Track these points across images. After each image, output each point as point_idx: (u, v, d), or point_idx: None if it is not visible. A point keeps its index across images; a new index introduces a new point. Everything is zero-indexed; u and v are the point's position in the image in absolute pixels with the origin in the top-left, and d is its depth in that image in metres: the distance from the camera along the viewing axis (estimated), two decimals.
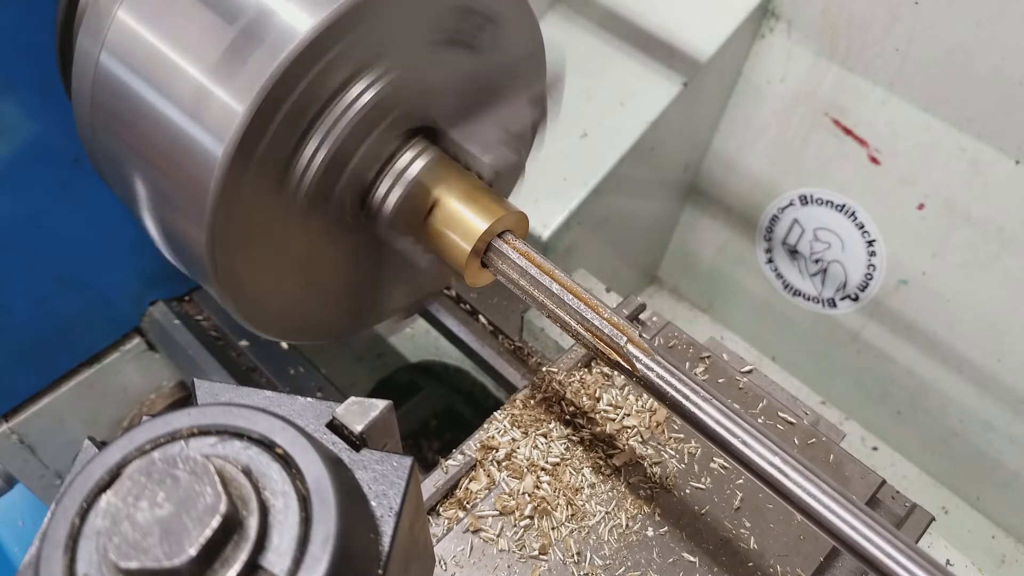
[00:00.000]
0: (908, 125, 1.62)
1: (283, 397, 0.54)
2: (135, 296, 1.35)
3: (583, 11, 1.77)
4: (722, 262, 2.09)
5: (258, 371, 1.35)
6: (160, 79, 0.77)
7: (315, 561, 0.43)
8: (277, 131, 0.75)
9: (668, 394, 0.79)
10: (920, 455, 1.95)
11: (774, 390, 1.06)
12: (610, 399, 1.00)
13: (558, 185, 1.59)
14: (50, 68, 0.98)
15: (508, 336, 1.22)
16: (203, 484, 0.43)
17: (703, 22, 1.67)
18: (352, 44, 0.75)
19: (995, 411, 1.73)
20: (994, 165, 1.54)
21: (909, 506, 0.97)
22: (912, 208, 1.68)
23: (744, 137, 1.87)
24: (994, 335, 1.67)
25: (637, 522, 0.91)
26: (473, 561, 0.86)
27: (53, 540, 0.44)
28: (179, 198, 0.80)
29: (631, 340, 0.80)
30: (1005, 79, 1.45)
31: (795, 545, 0.91)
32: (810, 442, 1.00)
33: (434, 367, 1.84)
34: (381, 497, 0.50)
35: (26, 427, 1.31)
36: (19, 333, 1.19)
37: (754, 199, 1.93)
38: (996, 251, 1.60)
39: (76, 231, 1.16)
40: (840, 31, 1.62)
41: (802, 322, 1.99)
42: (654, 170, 1.79)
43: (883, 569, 0.67)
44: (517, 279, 0.86)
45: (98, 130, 0.85)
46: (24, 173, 1.05)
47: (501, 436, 0.96)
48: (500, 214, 0.87)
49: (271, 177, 0.79)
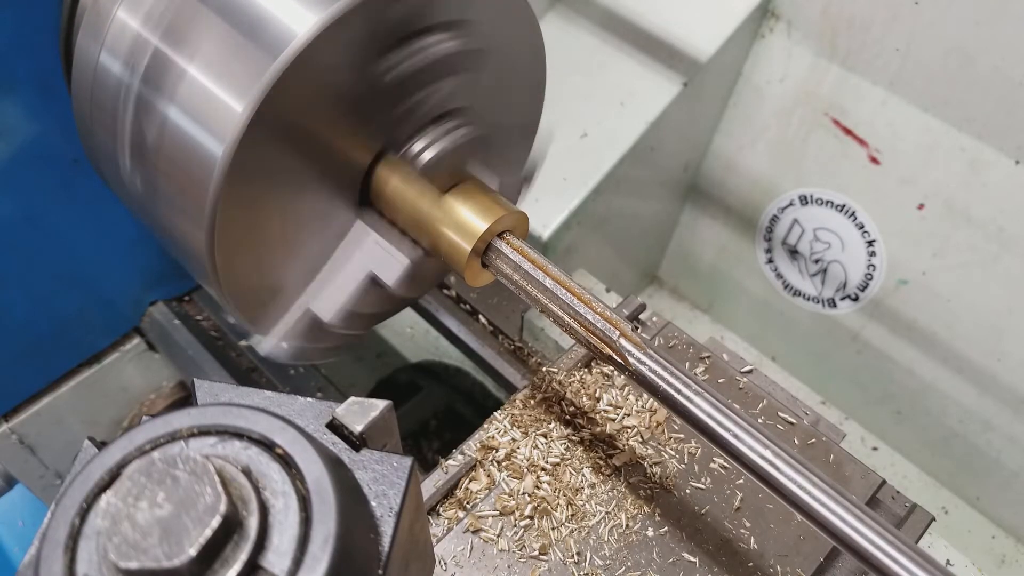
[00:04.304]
0: (908, 125, 1.62)
1: (283, 397, 0.54)
2: (135, 296, 1.34)
3: (583, 11, 1.77)
4: (722, 262, 2.09)
5: (258, 371, 1.35)
6: (160, 79, 0.77)
7: (315, 561, 0.43)
8: (278, 130, 0.75)
9: (661, 388, 0.79)
10: (920, 455, 1.95)
11: (774, 390, 1.06)
12: (610, 399, 1.00)
13: (558, 185, 1.59)
14: (50, 68, 0.98)
15: (508, 336, 1.22)
16: (203, 484, 0.43)
17: (703, 22, 1.67)
18: (354, 41, 0.75)
19: (995, 411, 1.73)
20: (994, 165, 1.54)
21: (909, 506, 0.97)
22: (912, 208, 1.68)
23: (744, 137, 1.87)
24: (994, 335, 1.67)
25: (637, 522, 0.91)
26: (473, 561, 0.86)
27: (53, 540, 0.44)
28: (179, 199, 0.80)
29: (624, 334, 0.81)
30: (1005, 79, 1.45)
31: (795, 545, 0.91)
32: (810, 442, 1.00)
33: (434, 367, 1.84)
34: (381, 497, 0.50)
35: (26, 427, 1.30)
36: (19, 333, 1.19)
37: (754, 199, 1.93)
38: (996, 251, 1.60)
39: (76, 231, 1.16)
40: (840, 31, 1.62)
41: (802, 322, 1.99)
42: (654, 170, 1.79)
43: (883, 569, 0.67)
44: (517, 279, 0.86)
45: (98, 130, 0.85)
46: (24, 173, 1.05)
47: (501, 436, 0.96)
48: (500, 214, 0.87)
49: (271, 177, 0.79)
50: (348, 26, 0.73)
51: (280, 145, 0.77)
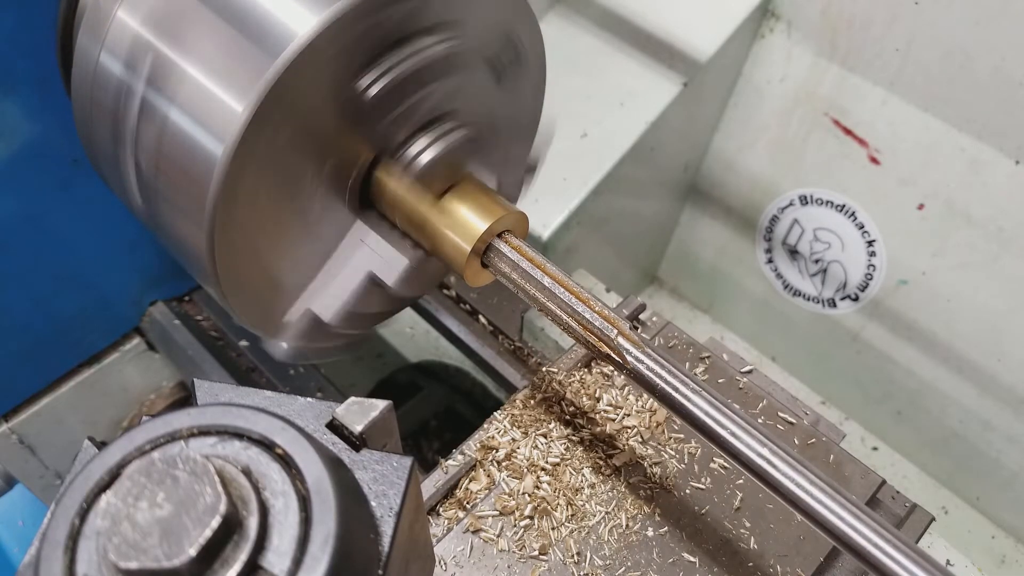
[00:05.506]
0: (908, 125, 1.62)
1: (283, 397, 0.54)
2: (135, 296, 1.34)
3: (583, 11, 1.77)
4: (722, 262, 2.09)
5: (258, 371, 1.35)
6: (160, 79, 0.77)
7: (315, 561, 0.43)
8: (278, 130, 0.75)
9: (659, 386, 0.79)
10: (920, 455, 1.95)
11: (774, 390, 1.06)
12: (610, 399, 1.00)
13: (558, 185, 1.59)
14: (50, 68, 0.98)
15: (508, 336, 1.22)
16: (203, 484, 0.43)
17: (703, 22, 1.67)
18: (352, 42, 0.75)
19: (995, 411, 1.73)
20: (994, 165, 1.54)
21: (909, 506, 0.97)
22: (912, 208, 1.68)
23: (744, 137, 1.87)
24: (994, 335, 1.67)
25: (637, 522, 0.91)
26: (473, 561, 0.86)
27: (53, 540, 0.44)
28: (179, 199, 0.80)
29: (622, 333, 0.81)
30: (1005, 79, 1.45)
31: (795, 545, 0.91)
32: (810, 442, 1.00)
33: (434, 367, 1.84)
34: (381, 497, 0.50)
35: (26, 427, 1.30)
36: (19, 333, 1.19)
37: (754, 199, 1.93)
38: (996, 251, 1.60)
39: (76, 231, 1.16)
40: (840, 31, 1.62)
41: (802, 322, 1.99)
42: (654, 170, 1.79)
43: (883, 569, 0.67)
44: (516, 278, 0.86)
45: (98, 130, 0.85)
46: (24, 173, 1.05)
47: (501, 436, 0.96)
48: (500, 214, 0.87)
49: (272, 177, 0.79)
50: (348, 27, 0.73)
51: (279, 146, 0.77)
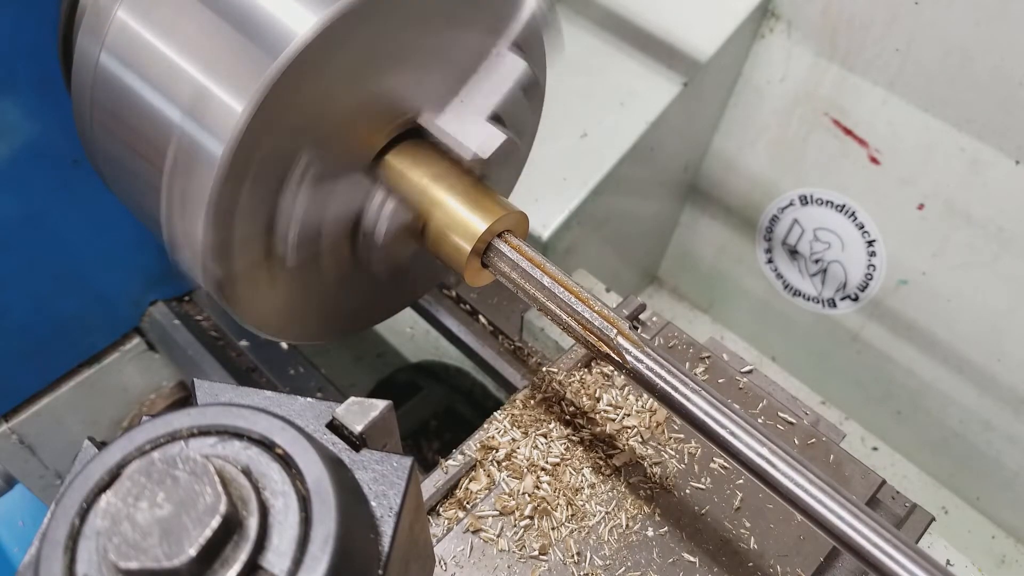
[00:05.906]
0: (908, 125, 1.62)
1: (283, 397, 0.54)
2: (135, 296, 1.34)
3: (583, 11, 1.77)
4: (722, 262, 2.09)
5: (258, 371, 1.35)
6: (160, 79, 0.77)
7: (315, 561, 0.43)
8: (278, 131, 0.75)
9: (658, 386, 0.79)
10: (920, 455, 1.95)
11: (774, 390, 1.06)
12: (610, 399, 1.00)
13: (558, 185, 1.59)
14: (50, 68, 0.98)
15: (508, 336, 1.22)
16: (203, 484, 0.43)
17: (703, 22, 1.67)
18: (353, 43, 0.75)
19: (995, 411, 1.73)
20: (994, 165, 1.54)
21: (909, 506, 0.97)
22: (912, 208, 1.68)
23: (744, 137, 1.87)
24: (994, 335, 1.67)
25: (637, 522, 0.91)
26: (473, 561, 0.86)
27: (53, 540, 0.44)
28: (179, 199, 0.80)
29: (621, 332, 0.81)
30: (1005, 79, 1.45)
31: (795, 545, 0.91)
32: (810, 442, 1.00)
33: (434, 367, 1.84)
34: (381, 497, 0.50)
35: (26, 427, 1.30)
36: (19, 333, 1.19)
37: (754, 199, 1.93)
38: (996, 251, 1.60)
39: (76, 231, 1.16)
40: (840, 31, 1.62)
41: (802, 322, 1.99)
42: (654, 170, 1.79)
43: (883, 569, 0.67)
44: (516, 278, 0.86)
45: (98, 130, 0.85)
46: (24, 173, 1.05)
47: (501, 436, 0.96)
48: (500, 214, 0.87)
49: (271, 177, 0.79)
50: (348, 26, 0.73)
51: (280, 146, 0.77)
